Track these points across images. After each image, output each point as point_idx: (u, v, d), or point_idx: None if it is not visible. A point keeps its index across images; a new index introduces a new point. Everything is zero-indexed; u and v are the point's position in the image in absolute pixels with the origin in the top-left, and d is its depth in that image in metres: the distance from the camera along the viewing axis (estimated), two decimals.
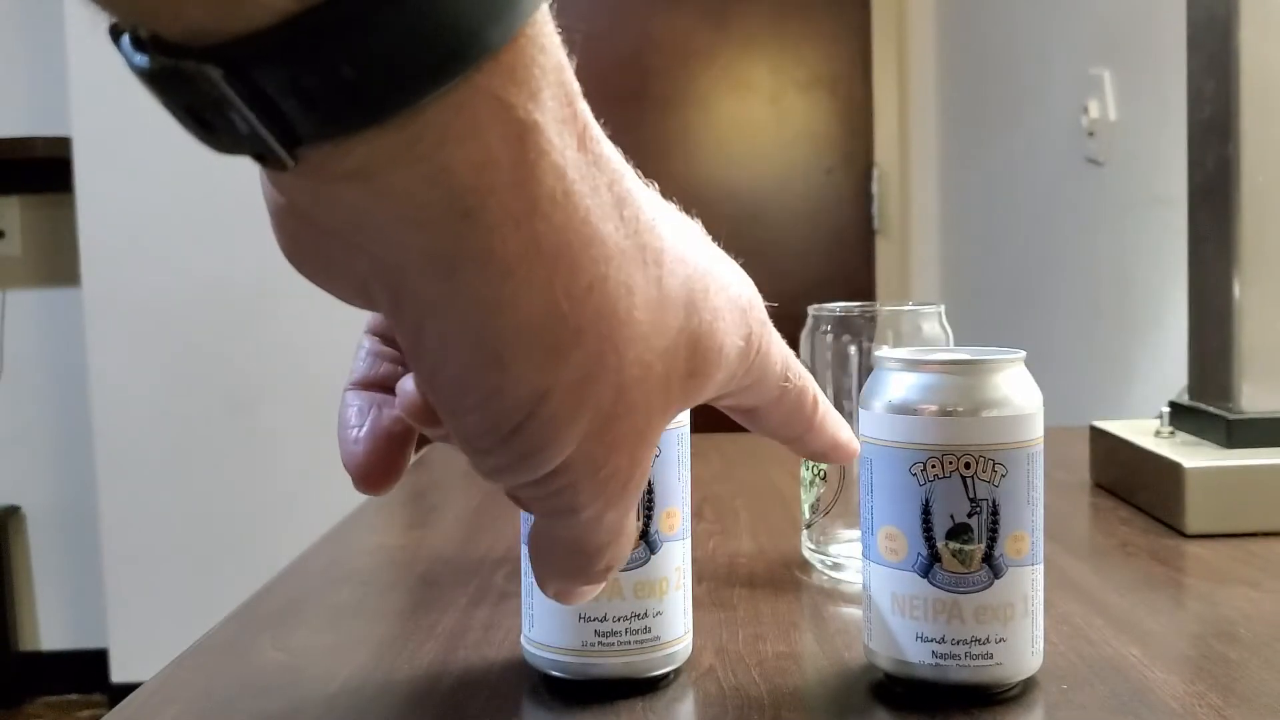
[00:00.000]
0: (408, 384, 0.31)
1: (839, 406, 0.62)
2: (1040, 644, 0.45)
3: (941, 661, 0.43)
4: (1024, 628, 0.44)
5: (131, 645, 2.52)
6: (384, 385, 0.36)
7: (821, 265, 2.73)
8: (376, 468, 0.35)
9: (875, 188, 2.74)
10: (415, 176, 0.25)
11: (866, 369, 0.60)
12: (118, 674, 2.53)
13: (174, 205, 2.40)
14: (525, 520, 0.47)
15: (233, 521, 2.50)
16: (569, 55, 0.28)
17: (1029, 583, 0.44)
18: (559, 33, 0.27)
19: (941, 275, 2.70)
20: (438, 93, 0.24)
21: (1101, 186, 1.69)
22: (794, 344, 0.64)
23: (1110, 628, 0.53)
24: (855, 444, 0.43)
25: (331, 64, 0.23)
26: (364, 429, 0.35)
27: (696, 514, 0.78)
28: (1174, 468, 0.70)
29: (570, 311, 0.28)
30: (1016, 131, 2.10)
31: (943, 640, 0.43)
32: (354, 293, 0.29)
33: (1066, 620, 0.54)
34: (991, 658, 0.43)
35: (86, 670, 2.70)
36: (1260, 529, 0.68)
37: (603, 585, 0.37)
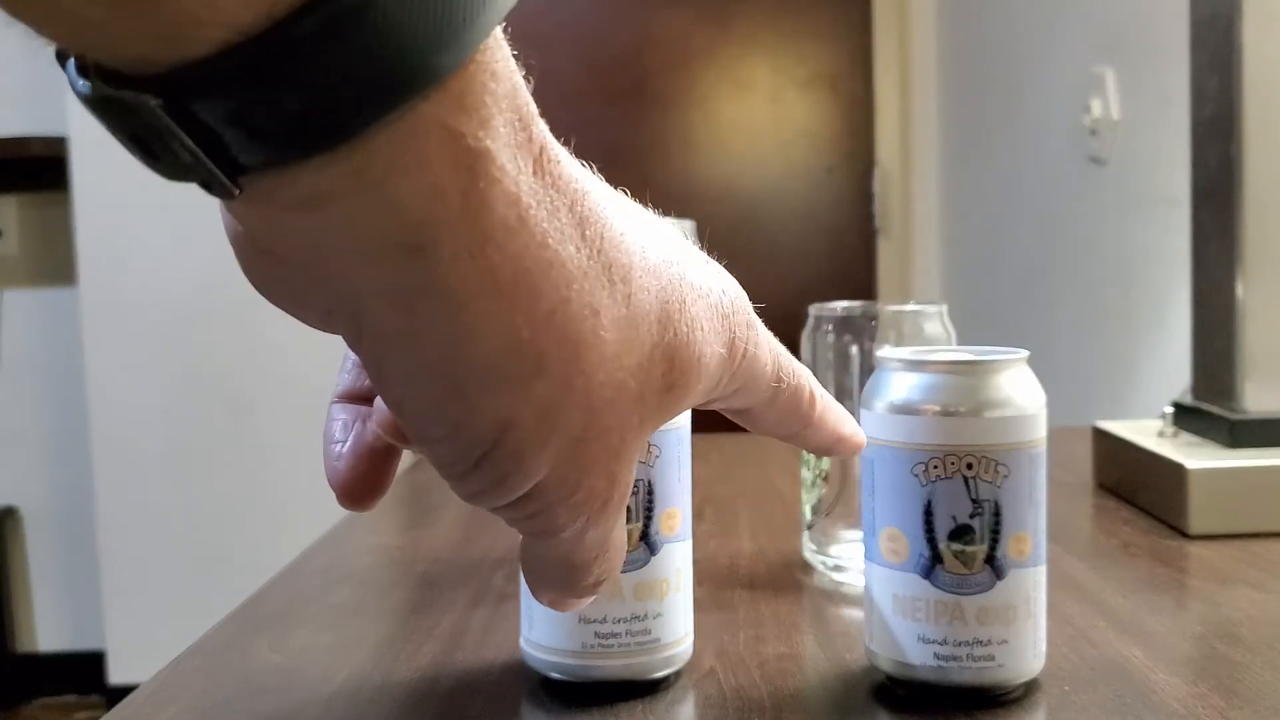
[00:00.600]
0: (384, 405, 0.31)
1: None
2: (1043, 645, 0.45)
3: (943, 663, 0.43)
4: (1026, 629, 0.44)
5: (129, 646, 2.51)
6: (369, 398, 0.36)
7: (822, 265, 2.73)
8: (360, 484, 0.34)
9: (876, 187, 2.74)
10: (363, 207, 0.25)
11: (868, 369, 0.60)
12: (115, 675, 2.53)
13: (171, 205, 2.39)
14: None
15: (231, 522, 2.49)
16: (526, 77, 0.27)
17: (1031, 584, 0.44)
18: (515, 56, 0.27)
19: (943, 275, 2.70)
20: (382, 123, 0.24)
21: (1104, 185, 1.68)
22: (795, 344, 0.64)
23: (1113, 629, 0.52)
24: (860, 436, 0.43)
25: (271, 94, 0.23)
26: (347, 444, 0.35)
27: (697, 515, 0.78)
28: (1177, 468, 0.70)
29: (531, 339, 0.27)
30: (1019, 130, 2.10)
31: (945, 642, 0.43)
32: (317, 319, 0.29)
33: (1069, 621, 0.53)
34: (994, 659, 0.43)
35: (84, 672, 2.70)
36: (1263, 530, 0.68)
37: (596, 594, 0.37)
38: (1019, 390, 0.44)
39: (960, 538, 0.43)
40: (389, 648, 0.53)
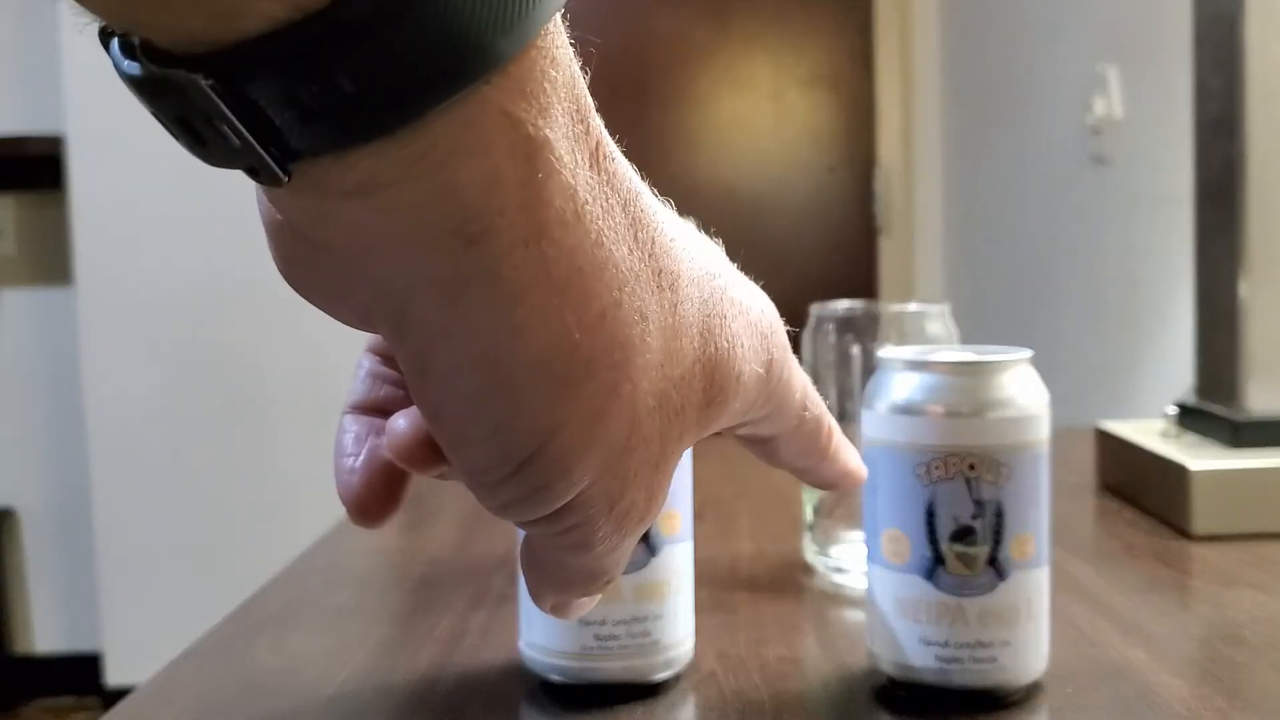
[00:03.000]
0: (398, 423, 0.30)
1: (841, 407, 0.61)
2: (1045, 647, 0.45)
3: (946, 665, 0.43)
4: (1029, 631, 0.43)
5: (126, 648, 2.51)
6: (384, 409, 0.34)
7: (824, 264, 2.73)
8: (373, 500, 0.33)
9: (878, 186, 2.73)
10: (419, 194, 0.24)
11: (869, 369, 0.60)
12: (113, 677, 2.53)
13: (168, 203, 2.40)
14: None
15: (229, 523, 2.49)
16: (582, 68, 0.27)
17: (1034, 585, 0.44)
18: (572, 44, 0.26)
19: (945, 274, 2.69)
20: (442, 107, 0.23)
21: (1107, 184, 1.68)
22: (796, 344, 0.63)
23: (1116, 631, 0.52)
24: (864, 471, 0.42)
25: (329, 76, 0.22)
26: (360, 458, 0.33)
27: (698, 516, 0.78)
28: (1180, 469, 0.70)
29: (582, 340, 0.26)
30: (1021, 129, 2.09)
31: (947, 644, 0.43)
32: (354, 315, 0.28)
33: (1072, 623, 0.53)
34: (996, 661, 0.43)
35: (81, 673, 2.69)
36: (1267, 531, 0.68)
37: (595, 599, 0.35)
38: (1021, 390, 0.44)
39: (962, 539, 0.43)
40: (388, 649, 0.52)
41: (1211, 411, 0.75)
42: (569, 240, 0.26)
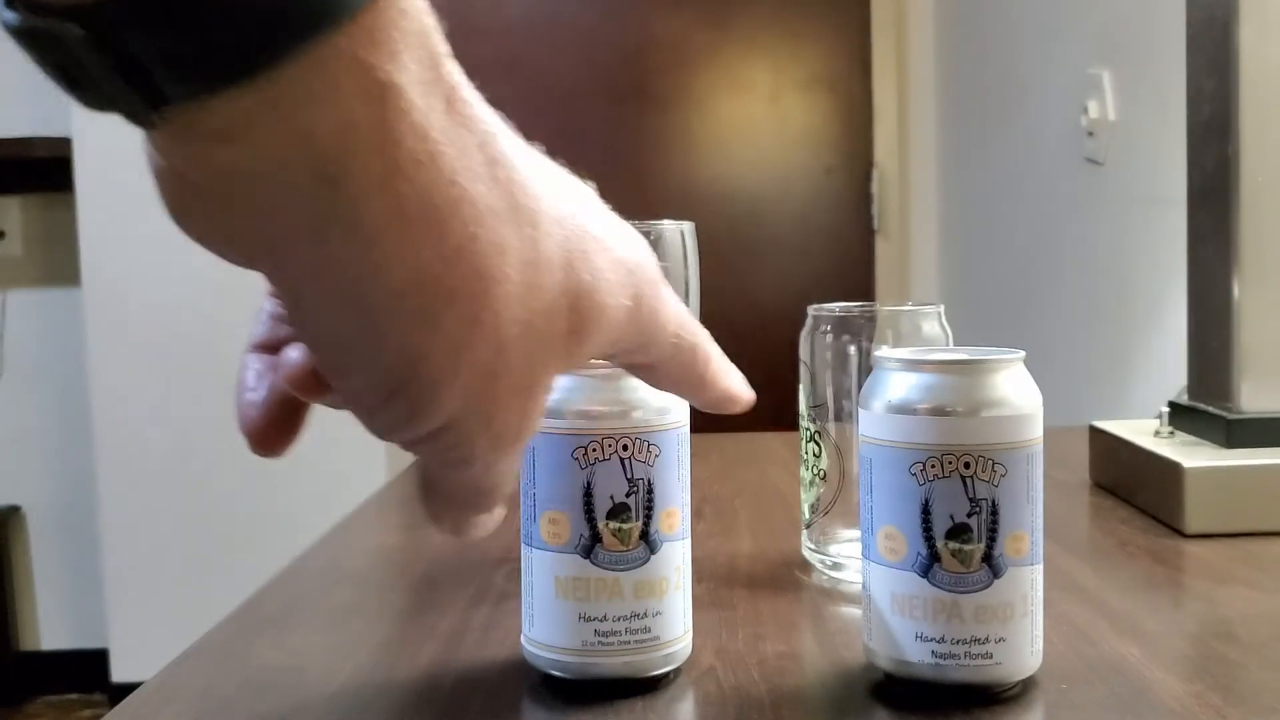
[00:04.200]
0: (290, 354, 0.32)
1: (839, 406, 0.62)
2: (1040, 644, 0.45)
3: (941, 661, 0.43)
4: (1023, 627, 0.44)
5: (132, 645, 2.52)
6: (282, 348, 0.36)
7: (821, 265, 2.73)
8: (270, 430, 0.35)
9: (875, 188, 2.74)
10: (278, 138, 0.26)
11: (866, 369, 0.60)
12: (118, 674, 2.53)
13: None
14: (524, 522, 0.47)
15: (233, 521, 2.49)
16: (440, 20, 0.28)
17: (1028, 582, 0.44)
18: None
19: (941, 275, 2.70)
20: (295, 53, 0.25)
21: (1101, 186, 1.69)
22: (794, 344, 0.64)
23: (1110, 627, 0.53)
24: (748, 393, 0.43)
25: (191, 25, 0.24)
26: (260, 393, 0.36)
27: (696, 514, 0.78)
28: (1173, 468, 0.70)
29: (442, 273, 0.28)
30: (1016, 131, 2.10)
31: (942, 640, 0.43)
32: (240, 256, 0.30)
33: (1066, 620, 0.54)
34: (991, 657, 0.43)
35: (87, 670, 2.70)
36: (1259, 529, 0.68)
37: (496, 517, 0.38)
38: (1015, 390, 0.44)
39: (958, 536, 0.43)
40: (390, 647, 0.53)
41: (1204, 411, 0.75)
42: (422, 178, 0.27)
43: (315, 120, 0.26)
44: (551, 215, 0.31)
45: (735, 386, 0.42)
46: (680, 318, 0.38)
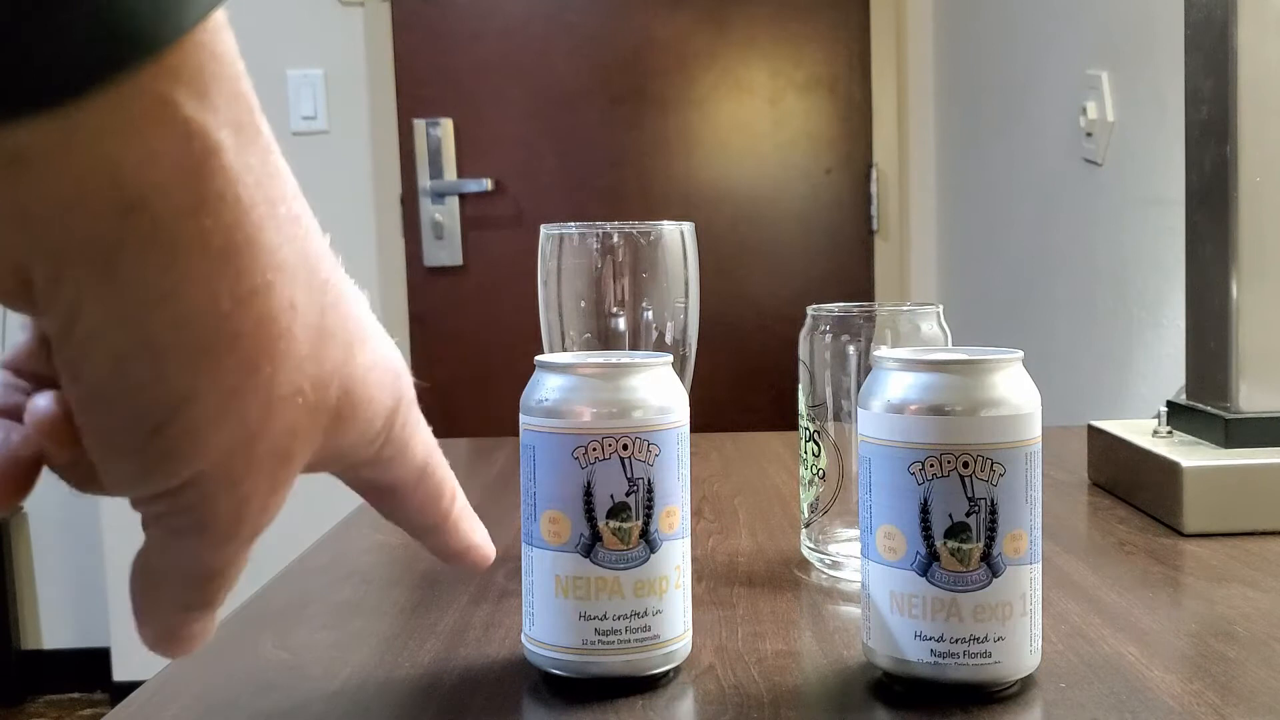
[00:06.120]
0: (39, 401, 0.30)
1: (838, 405, 0.62)
2: (1038, 642, 0.45)
3: (940, 660, 0.44)
4: (1022, 626, 0.44)
5: (134, 643, 2.48)
6: (14, 416, 0.34)
7: (820, 266, 2.73)
8: (3, 489, 0.33)
9: (874, 188, 2.74)
10: (75, 166, 0.26)
11: (865, 369, 0.60)
12: (120, 672, 2.53)
13: None
14: (524, 521, 0.47)
15: None
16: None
17: (1027, 581, 0.44)
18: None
19: (940, 276, 2.70)
20: (94, 90, 0.25)
21: (1099, 187, 1.69)
22: (793, 344, 0.64)
23: (1108, 626, 0.53)
24: (490, 549, 0.42)
25: None
26: None
27: (696, 513, 0.79)
28: (1172, 467, 0.70)
29: (231, 312, 0.28)
30: (1014, 132, 2.10)
31: (941, 639, 0.44)
32: (11, 278, 0.28)
33: (1064, 619, 0.54)
34: (990, 656, 0.44)
35: (89, 668, 2.70)
36: (1258, 528, 0.69)
37: (207, 628, 0.35)
38: (1014, 390, 0.44)
39: (956, 535, 0.43)
40: (391, 645, 0.53)
41: (1203, 410, 0.75)
42: (227, 216, 0.27)
43: (115, 152, 0.26)
44: (341, 291, 0.31)
45: (478, 539, 0.41)
46: (430, 447, 0.38)
